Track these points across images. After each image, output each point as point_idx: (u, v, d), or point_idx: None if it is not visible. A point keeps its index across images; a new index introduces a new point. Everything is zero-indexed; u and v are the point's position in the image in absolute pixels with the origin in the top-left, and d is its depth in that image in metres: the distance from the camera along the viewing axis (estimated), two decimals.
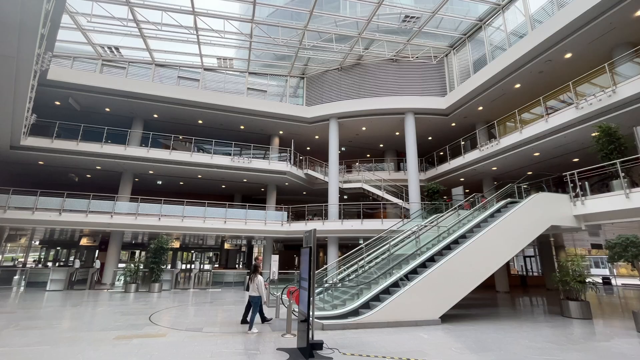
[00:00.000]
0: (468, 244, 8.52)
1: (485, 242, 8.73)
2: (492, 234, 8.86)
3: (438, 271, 8.01)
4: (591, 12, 10.76)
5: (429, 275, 7.90)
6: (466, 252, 8.42)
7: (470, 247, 8.50)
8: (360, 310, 7.89)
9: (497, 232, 8.95)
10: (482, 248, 8.65)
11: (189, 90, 17.95)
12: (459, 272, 8.20)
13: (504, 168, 16.27)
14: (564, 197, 10.10)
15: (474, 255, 8.49)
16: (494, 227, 8.93)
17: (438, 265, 8.07)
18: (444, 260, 8.18)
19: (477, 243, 8.61)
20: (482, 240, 8.70)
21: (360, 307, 7.98)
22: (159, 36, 15.93)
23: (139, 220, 15.72)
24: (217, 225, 16.74)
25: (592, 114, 10.78)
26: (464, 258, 8.35)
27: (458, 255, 8.31)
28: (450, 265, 8.16)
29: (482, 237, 8.73)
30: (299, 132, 20.74)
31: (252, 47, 17.37)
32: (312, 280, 5.37)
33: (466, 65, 17.99)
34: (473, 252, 8.50)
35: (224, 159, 17.58)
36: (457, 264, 8.24)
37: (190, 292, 14.25)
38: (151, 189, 21.52)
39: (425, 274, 7.91)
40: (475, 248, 8.56)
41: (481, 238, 8.71)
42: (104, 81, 16.62)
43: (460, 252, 8.36)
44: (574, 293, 9.13)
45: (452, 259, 8.21)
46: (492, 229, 8.89)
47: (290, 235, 17.96)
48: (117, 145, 16.37)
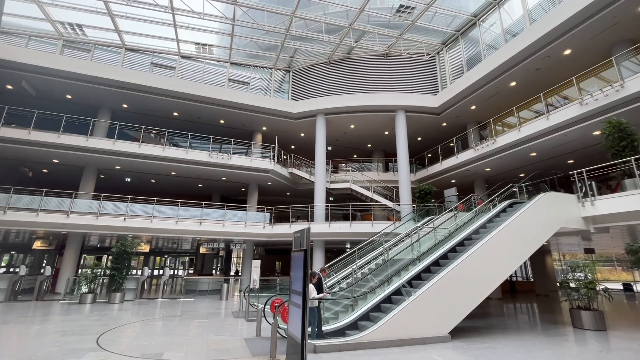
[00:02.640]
0: (477, 248, 7.55)
1: (494, 246, 7.79)
2: (501, 236, 7.95)
3: (445, 279, 6.96)
4: (595, 4, 10.27)
5: (436, 284, 6.83)
6: (475, 257, 7.44)
7: (479, 251, 7.53)
8: (358, 323, 6.72)
9: (507, 235, 8.05)
10: (492, 252, 7.71)
11: (163, 79, 16.29)
12: (469, 279, 7.20)
13: (497, 169, 15.68)
14: (571, 198, 9.40)
15: (483, 260, 7.52)
16: (504, 229, 8.02)
17: (445, 272, 7.03)
18: (452, 266, 7.15)
19: (486, 246, 7.65)
20: (491, 244, 7.75)
21: (358, 320, 6.82)
22: (129, 15, 14.28)
23: (101, 221, 13.87)
24: (192, 227, 15.13)
25: (597, 110, 10.22)
26: (473, 263, 7.37)
27: (467, 260, 7.31)
28: (458, 271, 7.14)
29: (492, 240, 7.79)
30: (283, 129, 19.47)
31: (235, 33, 16.01)
32: (308, 293, 4.15)
33: (458, 64, 17.43)
34: (482, 256, 7.54)
35: (200, 154, 16.02)
36: (466, 270, 7.24)
37: (158, 303, 12.57)
38: (119, 187, 19.53)
39: (432, 282, 6.84)
40: (485, 252, 7.60)
41: (490, 241, 7.76)
42: (65, 63, 14.72)
43: (468, 256, 7.37)
44: (585, 302, 8.35)
45: (460, 265, 7.20)
46: (501, 231, 7.97)
47: (272, 238, 16.58)
48: (78, 135, 14.48)
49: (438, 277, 6.93)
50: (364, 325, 6.55)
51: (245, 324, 8.46)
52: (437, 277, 6.96)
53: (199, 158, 16.03)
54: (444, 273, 7.00)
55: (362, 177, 18.76)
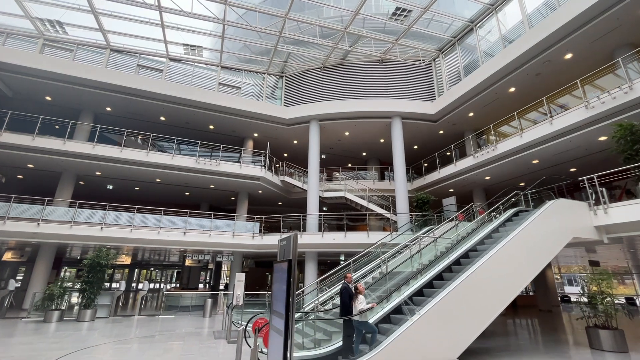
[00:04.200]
0: (486, 259, 6.77)
1: (505, 257, 7.03)
2: (511, 246, 7.20)
3: (453, 294, 6.15)
4: (599, 5, 9.92)
5: (443, 301, 6.01)
6: (485, 270, 6.65)
7: (488, 263, 6.75)
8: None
9: (517, 245, 7.30)
10: (503, 264, 6.94)
11: (150, 81, 15.56)
12: (479, 294, 6.40)
13: (498, 177, 15.10)
14: (582, 205, 8.75)
15: (494, 273, 6.74)
16: (514, 239, 7.27)
17: (453, 287, 6.22)
18: (460, 280, 6.34)
19: (496, 258, 6.88)
20: (501, 255, 6.99)
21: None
22: (114, 14, 13.63)
23: (76, 230, 12.81)
24: (175, 237, 14.11)
25: (604, 114, 9.73)
26: (483, 276, 6.58)
27: (476, 273, 6.52)
28: (467, 286, 6.34)
29: (501, 250, 7.03)
30: (275, 135, 18.76)
31: (226, 35, 15.44)
32: (291, 314, 3.30)
33: (455, 71, 17.09)
34: (493, 269, 6.76)
35: (187, 160, 15.16)
36: (476, 284, 6.44)
37: (134, 321, 11.44)
38: (101, 195, 18.45)
39: (438, 299, 6.02)
40: (495, 264, 6.83)
41: (500, 252, 7.00)
42: (44, 63, 13.91)
43: (477, 269, 6.58)
44: (603, 319, 7.59)
45: (469, 278, 6.40)
46: (511, 241, 7.22)
47: (262, 249, 15.61)
48: (55, 138, 13.55)
49: (444, 293, 6.11)
50: (362, 349, 5.67)
51: (226, 347, 7.48)
52: (444, 292, 6.14)
53: (185, 164, 15.18)
54: (451, 288, 6.19)
55: (357, 186, 18.03)
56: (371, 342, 5.65)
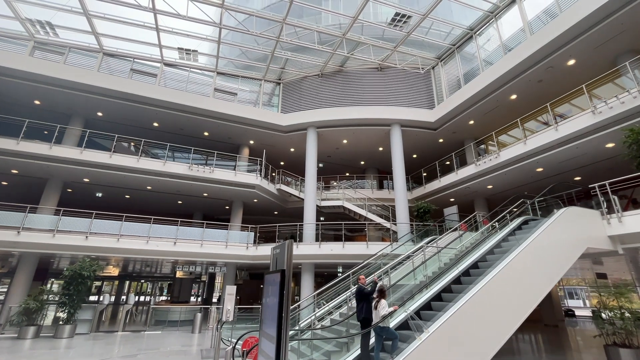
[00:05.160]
0: (498, 271, 6.22)
1: (517, 269, 6.49)
2: (523, 257, 6.67)
3: (465, 309, 5.58)
4: (602, 10, 9.74)
5: (455, 316, 5.43)
6: (499, 281, 6.10)
7: (502, 274, 6.20)
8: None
9: (530, 256, 6.78)
10: (516, 277, 6.40)
11: (144, 86, 15.15)
12: (493, 310, 5.84)
13: (500, 186, 14.68)
14: (595, 214, 8.30)
15: (509, 285, 6.20)
16: (527, 248, 6.75)
17: (465, 300, 5.64)
18: (473, 293, 5.77)
19: (508, 270, 6.34)
20: (515, 266, 6.45)
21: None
22: (107, 16, 13.30)
23: (59, 239, 12.10)
24: (165, 247, 13.42)
25: (611, 119, 9.40)
26: (498, 289, 6.03)
27: (489, 285, 5.96)
28: (480, 299, 5.77)
29: (515, 260, 6.49)
30: (272, 143, 18.31)
31: (222, 40, 15.16)
32: (285, 336, 2.74)
33: (454, 79, 16.89)
34: (507, 281, 6.22)
35: (179, 167, 14.63)
36: (488, 298, 5.88)
37: (118, 337, 10.65)
38: (89, 204, 17.71)
39: (450, 313, 5.44)
40: (509, 275, 6.28)
41: (514, 262, 6.45)
42: (33, 65, 13.47)
43: (491, 280, 6.02)
44: (623, 337, 7.03)
45: (482, 291, 5.83)
46: (524, 251, 6.69)
47: (256, 261, 14.91)
48: (41, 143, 12.99)
49: (456, 307, 5.53)
50: (382, 358, 5.05)
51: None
52: (455, 307, 5.56)
53: (177, 171, 14.64)
54: (463, 301, 5.60)
55: (356, 195, 17.52)
56: (392, 349, 5.15)
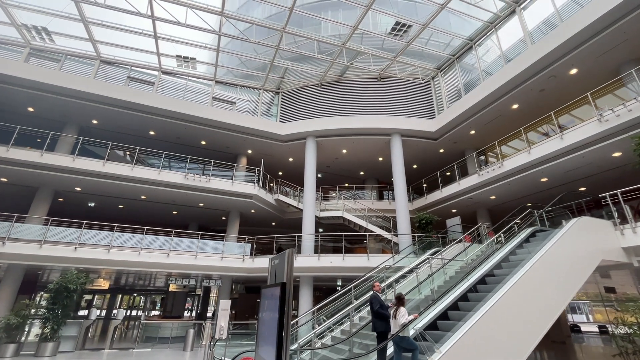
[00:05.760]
0: (511, 286, 5.82)
1: (531, 284, 6.09)
2: (537, 271, 6.27)
3: (478, 327, 5.14)
4: (604, 19, 9.68)
5: (468, 334, 4.99)
6: (510, 298, 5.69)
7: (514, 290, 5.79)
8: None
9: (543, 269, 6.40)
10: (530, 292, 6.00)
11: (141, 93, 14.91)
12: (507, 328, 5.41)
13: (503, 197, 14.38)
14: (607, 224, 7.97)
15: (521, 303, 5.79)
16: (539, 262, 6.36)
17: (476, 320, 5.21)
18: (483, 312, 5.35)
19: (521, 285, 5.93)
20: (526, 281, 6.04)
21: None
22: (105, 23, 13.17)
23: (46, 250, 11.56)
24: (157, 259, 12.89)
25: (618, 127, 9.20)
26: (509, 307, 5.62)
27: (500, 303, 5.54)
28: (491, 318, 5.35)
29: (526, 275, 6.09)
30: (270, 152, 18.02)
31: (221, 49, 15.04)
32: (285, 354, 2.33)
33: (454, 90, 16.82)
34: (519, 297, 5.81)
35: (175, 176, 14.24)
36: (501, 315, 5.46)
37: (104, 355, 10.01)
38: (81, 213, 17.21)
39: (463, 332, 5.00)
40: (521, 292, 5.88)
41: (525, 277, 6.06)
42: (27, 71, 13.23)
43: (502, 297, 5.61)
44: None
45: (493, 310, 5.41)
46: (536, 265, 6.30)
47: (253, 273, 14.37)
48: (32, 150, 12.61)
49: (468, 326, 5.10)
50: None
51: None
52: (466, 325, 5.13)
53: (173, 180, 14.25)
54: (474, 320, 5.18)
55: (355, 206, 17.13)
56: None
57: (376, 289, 6.20)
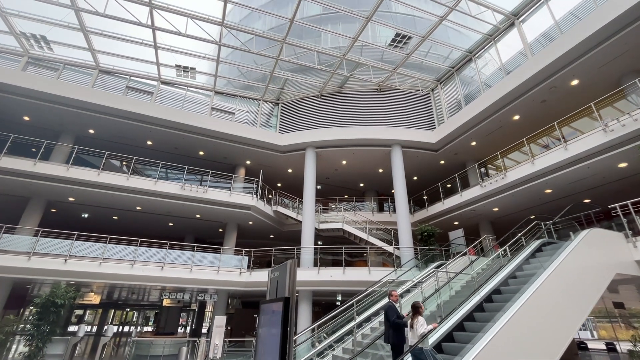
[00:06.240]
0: (522, 304, 5.46)
1: (543, 302, 5.74)
2: (549, 287, 5.92)
3: (489, 350, 4.77)
4: (605, 29, 9.68)
5: (482, 356, 4.62)
6: (522, 318, 5.32)
7: (525, 308, 5.42)
8: None
9: (556, 286, 6.06)
10: (543, 311, 5.65)
11: (139, 103, 14.77)
12: (521, 351, 5.03)
13: (506, 209, 14.11)
14: (618, 236, 7.69)
15: (533, 323, 5.43)
16: (551, 277, 6.02)
17: (489, 339, 4.84)
18: (492, 334, 4.98)
19: (533, 302, 5.56)
20: (539, 298, 5.68)
21: None
22: (105, 33, 13.14)
23: (34, 263, 11.11)
24: (151, 273, 12.43)
25: (624, 137, 9.05)
26: (522, 327, 5.25)
27: (511, 324, 5.17)
28: (506, 338, 4.98)
29: (539, 292, 5.73)
30: (269, 163, 17.80)
31: (221, 59, 15.02)
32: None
33: (453, 101, 16.79)
34: (531, 317, 5.45)
35: (171, 186, 13.94)
36: (514, 337, 5.10)
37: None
38: (74, 225, 16.78)
39: (475, 353, 4.63)
40: (533, 310, 5.52)
41: (538, 294, 5.69)
42: (24, 80, 13.09)
43: (515, 316, 5.25)
44: None
45: (504, 331, 5.04)
46: (548, 280, 5.96)
47: (250, 287, 13.87)
48: (25, 159, 12.32)
49: (479, 348, 4.73)
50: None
51: None
52: (477, 348, 4.76)
53: (169, 190, 13.93)
54: (484, 342, 4.80)
55: (356, 218, 16.81)
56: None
57: (393, 298, 5.89)
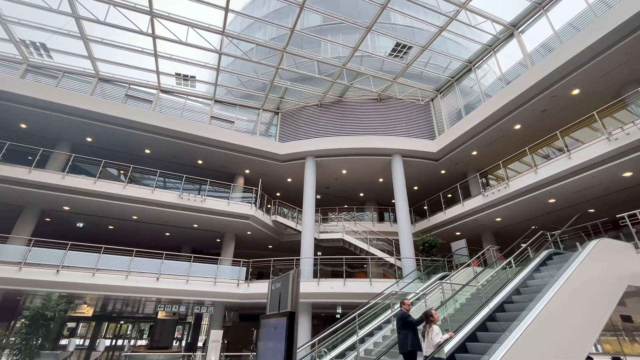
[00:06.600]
0: (534, 319, 5.19)
1: (555, 316, 5.48)
2: (561, 300, 5.68)
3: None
4: (605, 40, 9.71)
5: None
6: (534, 332, 5.06)
7: (537, 323, 5.16)
8: None
9: (568, 298, 5.82)
10: (556, 325, 5.39)
11: (137, 110, 14.67)
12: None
13: (509, 219, 13.91)
14: (628, 247, 7.48)
15: (547, 338, 5.16)
16: (562, 290, 5.77)
17: (505, 352, 4.58)
18: (510, 344, 4.72)
19: (545, 316, 5.30)
20: (551, 312, 5.42)
21: None
22: (105, 41, 13.12)
23: (25, 273, 10.76)
24: (146, 284, 12.07)
25: (628, 146, 8.95)
26: (536, 341, 4.99)
27: (525, 335, 4.92)
28: (519, 350, 4.71)
29: (550, 305, 5.47)
30: (269, 172, 17.62)
31: (221, 68, 15.01)
32: None
33: (453, 110, 16.79)
34: (544, 331, 5.19)
35: (169, 195, 13.70)
36: (529, 352, 4.82)
37: None
38: (68, 235, 16.37)
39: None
40: (545, 325, 5.26)
41: (549, 307, 5.44)
42: (22, 87, 12.99)
43: (527, 331, 4.98)
44: None
45: (518, 344, 4.78)
46: (559, 293, 5.71)
47: (248, 299, 13.50)
48: (19, 166, 12.09)
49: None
50: None
51: None
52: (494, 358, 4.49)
53: (167, 199, 13.69)
54: (503, 351, 4.54)
55: (356, 228, 16.54)
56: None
57: (406, 307, 5.63)
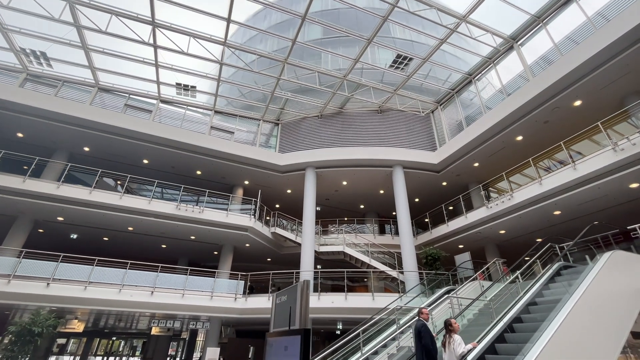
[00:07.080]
0: (552, 335, 4.89)
1: (574, 334, 5.18)
2: (578, 317, 5.38)
3: None
4: (606, 52, 9.74)
5: None
6: (553, 352, 4.75)
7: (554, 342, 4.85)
8: None
9: (586, 315, 5.52)
10: (576, 341, 5.08)
11: (136, 120, 14.53)
12: None
13: (514, 231, 13.65)
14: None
15: (568, 356, 4.84)
16: (578, 305, 5.48)
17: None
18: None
19: (564, 331, 5.02)
20: (569, 329, 5.12)
21: None
22: (106, 51, 13.11)
23: (14, 286, 10.33)
24: (140, 298, 11.62)
25: (635, 157, 8.82)
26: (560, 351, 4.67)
27: (545, 353, 4.61)
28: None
29: (567, 322, 5.16)
30: (268, 184, 17.39)
31: (222, 79, 15.00)
32: None
33: (454, 122, 16.80)
34: (564, 349, 4.88)
35: (166, 206, 13.41)
36: None
37: None
38: (61, 246, 15.87)
39: None
40: (564, 341, 4.95)
41: (566, 324, 5.13)
42: (19, 95, 12.86)
43: (544, 351, 4.67)
44: None
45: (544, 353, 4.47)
46: (576, 309, 5.42)
47: (245, 315, 13.02)
48: (13, 175, 11.82)
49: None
50: None
51: None
52: None
53: (164, 210, 13.39)
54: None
55: (357, 240, 16.20)
56: None
57: (424, 316, 5.23)
